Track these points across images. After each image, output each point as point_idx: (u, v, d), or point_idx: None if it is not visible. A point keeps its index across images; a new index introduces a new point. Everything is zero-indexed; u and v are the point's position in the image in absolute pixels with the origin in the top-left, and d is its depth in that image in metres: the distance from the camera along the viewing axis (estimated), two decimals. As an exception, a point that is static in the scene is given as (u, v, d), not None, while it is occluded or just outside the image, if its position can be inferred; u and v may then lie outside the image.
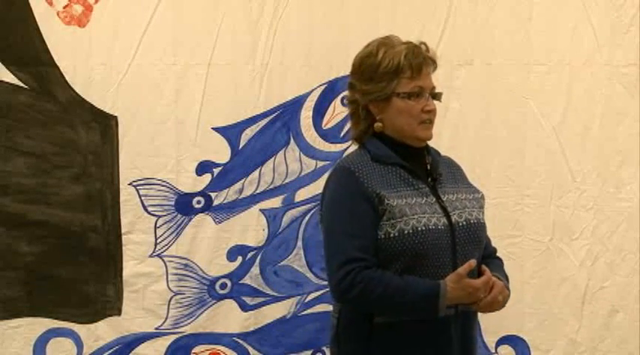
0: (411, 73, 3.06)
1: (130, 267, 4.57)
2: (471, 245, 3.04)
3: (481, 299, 3.00)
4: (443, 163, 3.21)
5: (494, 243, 3.30)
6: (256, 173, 4.60)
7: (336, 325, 3.13)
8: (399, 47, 3.08)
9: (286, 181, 4.61)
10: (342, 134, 4.57)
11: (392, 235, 2.98)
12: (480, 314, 4.54)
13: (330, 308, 3.25)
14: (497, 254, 3.30)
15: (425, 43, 3.13)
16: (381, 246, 2.99)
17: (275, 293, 4.61)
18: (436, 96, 3.11)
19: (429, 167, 3.12)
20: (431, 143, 3.23)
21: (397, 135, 3.11)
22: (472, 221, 3.07)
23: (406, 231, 2.97)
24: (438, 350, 3.03)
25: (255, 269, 4.60)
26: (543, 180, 4.62)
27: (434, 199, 3.05)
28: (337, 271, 2.97)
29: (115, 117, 4.55)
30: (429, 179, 3.10)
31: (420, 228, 2.97)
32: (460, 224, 3.03)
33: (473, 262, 2.97)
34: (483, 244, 3.14)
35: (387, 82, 3.07)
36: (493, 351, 4.66)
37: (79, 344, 4.58)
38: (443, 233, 3.00)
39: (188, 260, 4.59)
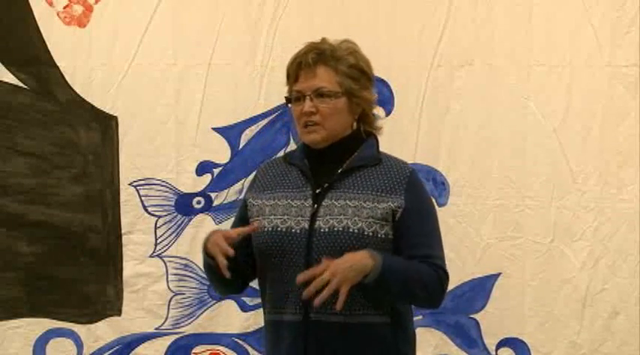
0: (289, 79, 3.07)
1: (130, 268, 4.58)
2: (330, 252, 2.93)
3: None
4: (385, 168, 3.03)
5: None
6: (256, 173, 4.60)
7: None
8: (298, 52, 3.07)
9: (286, 182, 4.60)
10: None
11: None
12: (479, 316, 4.55)
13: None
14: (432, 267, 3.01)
15: (318, 43, 3.04)
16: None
17: (275, 294, 4.60)
18: (323, 94, 3.00)
19: (339, 171, 3.03)
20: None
21: None
22: (337, 228, 2.95)
23: (257, 231, 3.04)
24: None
25: (255, 270, 4.60)
26: (544, 181, 4.60)
27: (310, 203, 3.00)
28: None
29: (115, 117, 4.56)
30: (326, 184, 3.02)
31: (267, 229, 3.00)
32: (322, 230, 2.96)
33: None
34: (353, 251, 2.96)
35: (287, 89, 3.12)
36: (494, 354, 4.63)
37: (79, 344, 4.58)
38: (295, 236, 2.97)
39: (188, 260, 4.59)
